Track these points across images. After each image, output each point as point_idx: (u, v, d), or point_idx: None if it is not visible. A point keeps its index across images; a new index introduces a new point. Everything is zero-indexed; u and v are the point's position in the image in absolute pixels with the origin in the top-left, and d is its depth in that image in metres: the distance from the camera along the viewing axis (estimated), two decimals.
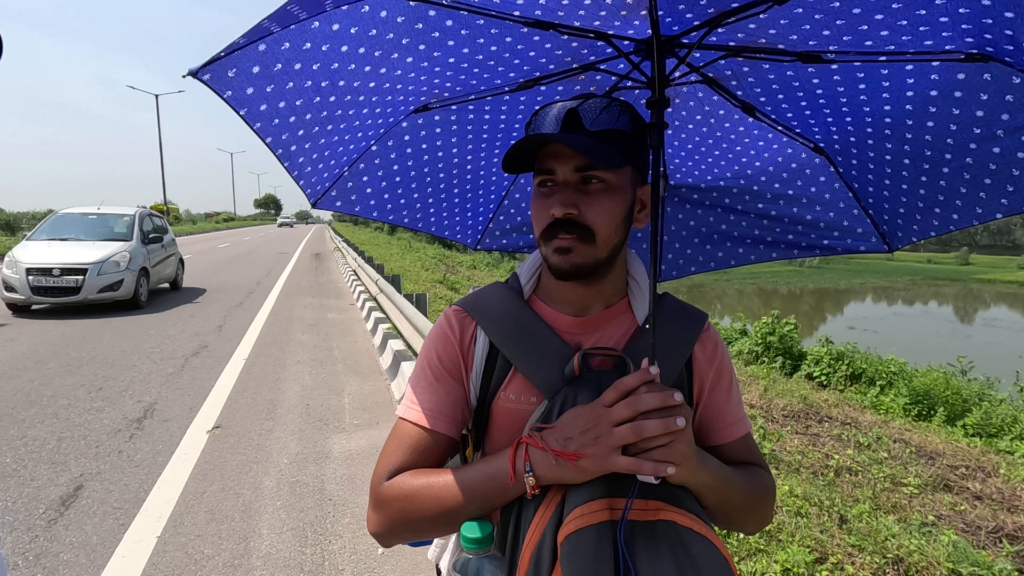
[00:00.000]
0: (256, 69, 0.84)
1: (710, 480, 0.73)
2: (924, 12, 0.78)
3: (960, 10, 0.75)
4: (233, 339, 6.96)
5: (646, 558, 0.65)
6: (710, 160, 1.29)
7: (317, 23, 0.81)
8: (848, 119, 1.07)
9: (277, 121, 0.94)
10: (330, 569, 2.58)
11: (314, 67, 0.87)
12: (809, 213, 1.29)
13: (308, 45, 0.83)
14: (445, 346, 0.86)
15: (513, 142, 1.18)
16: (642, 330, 0.83)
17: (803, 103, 1.07)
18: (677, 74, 1.00)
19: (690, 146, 1.27)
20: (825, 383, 8.03)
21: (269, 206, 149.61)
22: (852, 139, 1.10)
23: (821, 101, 1.05)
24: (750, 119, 1.13)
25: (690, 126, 1.23)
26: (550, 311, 0.86)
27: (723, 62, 1.00)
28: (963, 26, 0.78)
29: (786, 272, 44.21)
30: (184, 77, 0.82)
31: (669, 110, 1.18)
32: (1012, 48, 0.78)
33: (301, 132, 0.98)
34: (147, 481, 3.31)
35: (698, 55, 0.99)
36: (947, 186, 1.05)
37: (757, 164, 1.25)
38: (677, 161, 1.31)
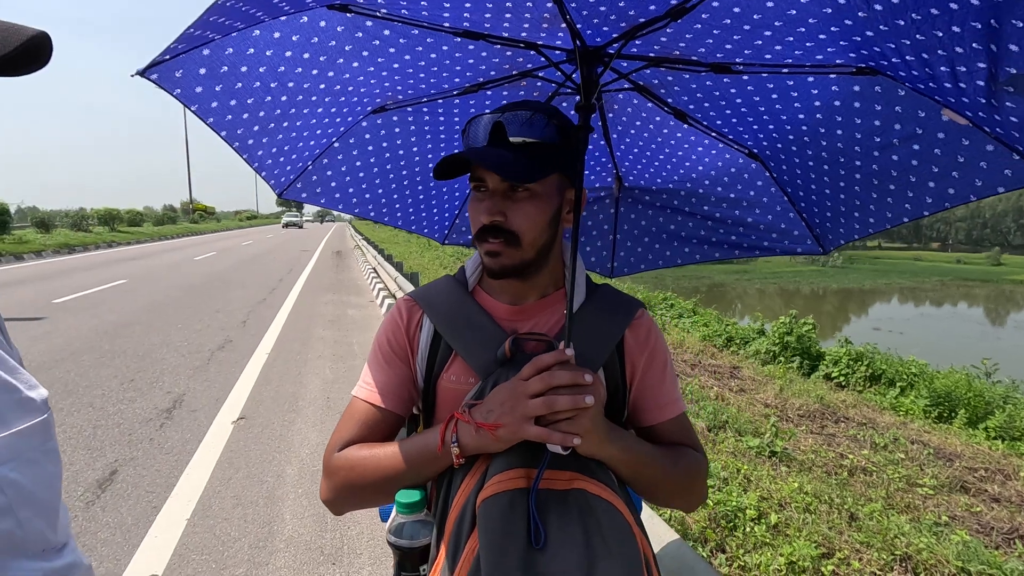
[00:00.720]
0: (203, 71, 0.91)
1: (620, 454, 0.81)
2: (804, 29, 0.84)
3: (833, 28, 0.81)
4: (257, 334, 7.17)
5: (556, 522, 0.72)
6: (657, 164, 1.35)
7: (258, 31, 0.87)
8: (771, 127, 1.12)
9: (230, 117, 1.01)
10: (349, 553, 2.70)
11: (260, 70, 0.95)
12: (749, 216, 1.35)
13: (252, 51, 0.90)
14: (394, 332, 0.95)
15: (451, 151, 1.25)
16: (575, 318, 0.91)
17: (727, 111, 1.13)
18: (608, 79, 1.06)
19: (636, 150, 1.34)
20: (843, 384, 7.95)
21: (290, 204, 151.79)
22: (779, 145, 1.16)
23: (743, 109, 1.10)
24: (685, 125, 1.19)
25: (632, 131, 1.29)
26: (491, 300, 0.95)
27: (648, 71, 1.05)
28: (842, 42, 0.84)
29: (808, 272, 43.47)
30: (132, 76, 0.88)
31: (611, 115, 1.24)
32: (893, 62, 0.83)
33: (256, 128, 1.05)
34: (177, 467, 3.48)
35: (624, 64, 1.05)
36: (861, 191, 1.11)
37: (700, 168, 1.32)
38: (627, 164, 1.37)
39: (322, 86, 1.03)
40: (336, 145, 1.20)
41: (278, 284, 11.91)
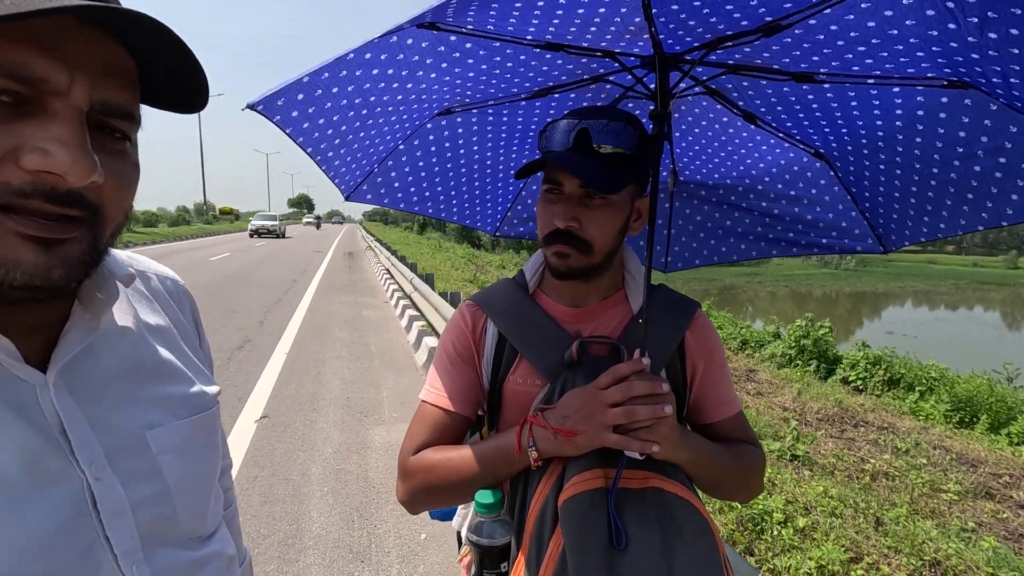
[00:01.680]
0: (300, 96, 0.99)
1: (691, 456, 0.83)
2: (901, 47, 0.85)
3: (930, 44, 0.82)
4: (274, 334, 7.24)
5: (635, 520, 0.74)
6: (716, 160, 1.36)
7: (352, 55, 0.92)
8: (844, 131, 1.13)
9: (317, 134, 1.09)
10: (377, 551, 2.73)
11: (348, 88, 1.00)
12: (809, 213, 1.35)
13: (344, 72, 0.96)
14: (459, 336, 0.98)
15: (526, 143, 1.29)
16: (636, 320, 0.93)
17: (800, 114, 1.14)
18: (683, 86, 1.08)
19: (697, 147, 1.35)
20: (861, 388, 7.89)
21: (302, 205, 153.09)
22: (849, 148, 1.17)
23: (818, 114, 1.11)
24: (752, 127, 1.21)
25: (696, 130, 1.30)
26: (552, 303, 0.96)
27: (724, 77, 1.07)
28: (938, 58, 0.85)
29: (820, 275, 43.13)
30: (243, 110, 0.99)
31: (676, 115, 1.26)
32: (985, 79, 0.84)
33: (337, 140, 1.13)
34: None
35: (700, 70, 1.06)
36: (935, 197, 1.11)
37: (761, 166, 1.32)
38: (686, 159, 1.38)
39: (399, 96, 1.06)
40: (401, 147, 1.24)
41: (293, 284, 12.01)
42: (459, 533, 1.15)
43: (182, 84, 0.49)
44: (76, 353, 0.52)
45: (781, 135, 1.20)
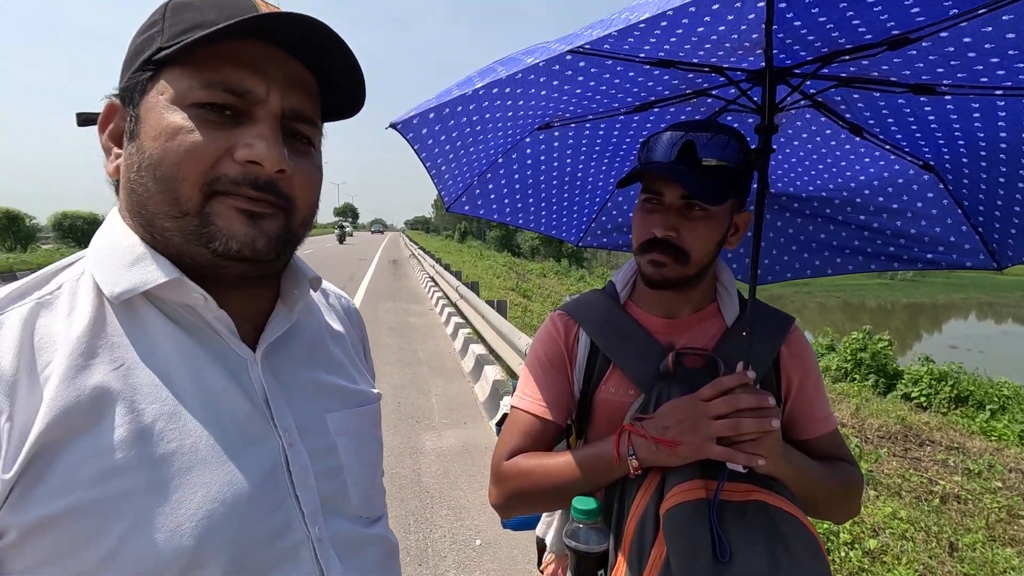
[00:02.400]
0: (432, 115, 1.06)
1: (793, 472, 0.82)
2: None
3: None
4: None
5: (738, 534, 0.74)
6: (812, 172, 1.33)
7: (478, 76, 0.96)
8: (960, 143, 1.09)
9: (436, 150, 1.16)
10: (433, 556, 2.76)
11: (470, 107, 1.06)
12: (913, 227, 1.30)
13: (468, 93, 1.00)
14: (551, 345, 1.00)
15: (617, 157, 1.31)
16: (731, 332, 0.93)
17: (913, 126, 1.10)
18: (789, 100, 1.06)
19: (793, 159, 1.32)
20: (925, 405, 7.49)
21: (347, 214, 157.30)
22: (964, 160, 1.12)
23: (933, 126, 1.07)
24: (857, 139, 1.17)
25: (795, 142, 1.28)
26: (643, 314, 0.97)
27: (834, 90, 1.05)
28: None
29: (874, 285, 41.22)
30: (386, 129, 1.09)
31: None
32: None
33: (451, 156, 1.19)
34: None
35: (809, 84, 1.04)
36: None
37: (861, 178, 1.28)
38: (779, 172, 1.36)
39: (509, 114, 1.11)
40: (500, 161, 1.28)
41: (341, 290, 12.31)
42: (540, 540, 1.16)
43: (346, 88, 0.59)
44: (275, 339, 0.61)
45: (888, 147, 1.17)
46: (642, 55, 0.94)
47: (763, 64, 0.91)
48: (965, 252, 1.29)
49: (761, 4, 0.79)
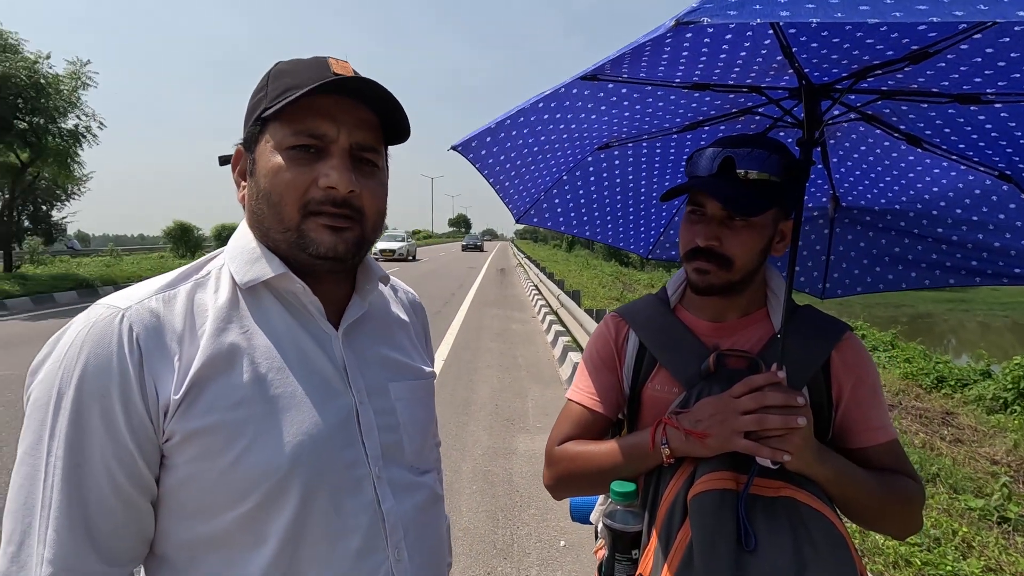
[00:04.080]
0: (488, 139, 1.20)
1: (830, 474, 0.82)
2: None
3: None
4: (433, 343, 7.90)
5: (765, 527, 0.76)
6: (882, 185, 1.28)
7: (528, 105, 1.08)
8: None
9: (497, 168, 1.29)
10: (518, 551, 2.88)
11: (524, 131, 1.18)
12: (997, 240, 1.21)
13: (521, 119, 1.13)
14: (603, 344, 1.08)
15: (679, 172, 1.36)
16: (776, 337, 0.94)
17: (973, 135, 1.04)
18: (835, 113, 1.06)
19: (857, 172, 1.28)
20: None
21: (460, 225, 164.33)
22: None
23: (993, 134, 1.01)
24: (919, 149, 1.12)
25: (856, 155, 1.24)
26: (692, 318, 1.02)
27: (879, 102, 1.02)
28: None
29: None
30: (448, 151, 1.24)
31: (832, 141, 1.22)
32: None
33: (513, 173, 1.32)
34: None
35: (853, 97, 1.03)
36: None
37: (935, 190, 1.22)
38: (847, 184, 1.33)
39: (564, 136, 1.22)
40: (564, 178, 1.39)
41: (450, 297, 13.00)
42: (596, 529, 1.23)
43: (397, 122, 0.76)
44: (352, 321, 0.78)
45: (955, 157, 1.11)
46: (677, 80, 1.00)
47: (799, 82, 0.93)
48: None
49: (771, 31, 0.83)
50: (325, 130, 0.69)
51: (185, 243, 23.29)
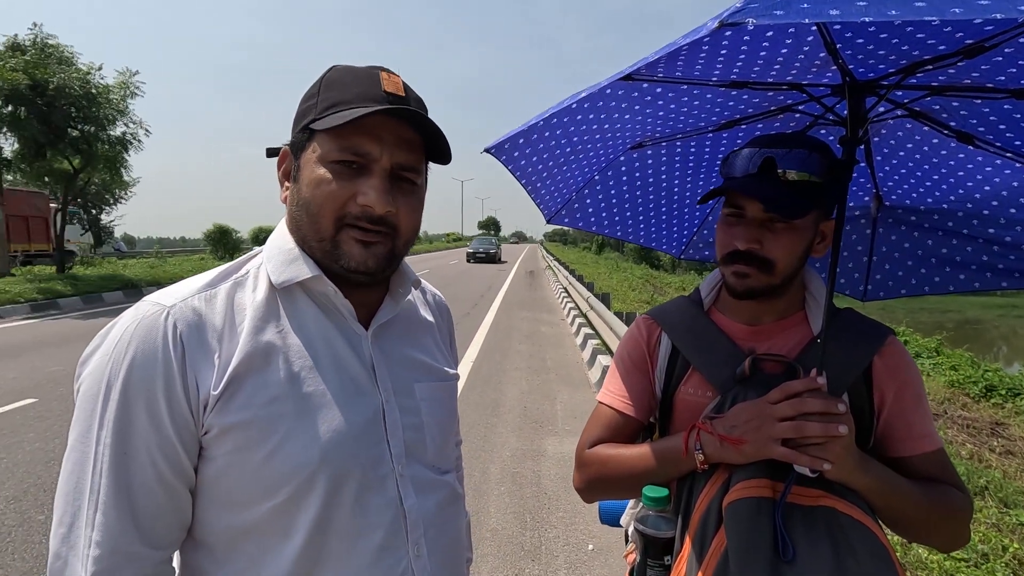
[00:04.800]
0: (521, 140, 1.19)
1: (872, 484, 0.79)
2: None
3: None
4: (463, 344, 7.97)
5: (803, 537, 0.73)
6: (928, 184, 1.23)
7: (562, 107, 1.06)
8: None
9: (529, 169, 1.29)
10: (546, 554, 2.87)
11: (557, 132, 1.17)
12: None
13: (555, 120, 1.12)
14: (635, 347, 1.06)
15: (713, 172, 1.33)
16: (816, 341, 0.90)
17: None
18: (880, 109, 1.02)
19: (904, 170, 1.23)
20: None
21: (490, 227, 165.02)
22: None
23: None
24: (970, 147, 1.07)
25: (901, 152, 1.19)
26: (726, 320, 0.99)
27: (928, 99, 0.98)
28: None
29: None
30: (481, 153, 1.26)
31: (876, 139, 1.18)
32: None
33: (545, 174, 1.32)
34: None
35: (900, 93, 0.99)
36: None
37: (986, 188, 1.17)
38: (891, 183, 1.28)
39: (597, 136, 1.21)
40: (596, 178, 1.38)
41: (480, 299, 13.06)
42: (626, 532, 1.22)
43: (439, 146, 0.77)
44: (382, 323, 0.80)
45: (1009, 155, 1.06)
46: (715, 79, 0.98)
47: (843, 79, 0.90)
48: None
49: (814, 28, 0.80)
50: (369, 149, 0.71)
51: (224, 245, 24.12)
